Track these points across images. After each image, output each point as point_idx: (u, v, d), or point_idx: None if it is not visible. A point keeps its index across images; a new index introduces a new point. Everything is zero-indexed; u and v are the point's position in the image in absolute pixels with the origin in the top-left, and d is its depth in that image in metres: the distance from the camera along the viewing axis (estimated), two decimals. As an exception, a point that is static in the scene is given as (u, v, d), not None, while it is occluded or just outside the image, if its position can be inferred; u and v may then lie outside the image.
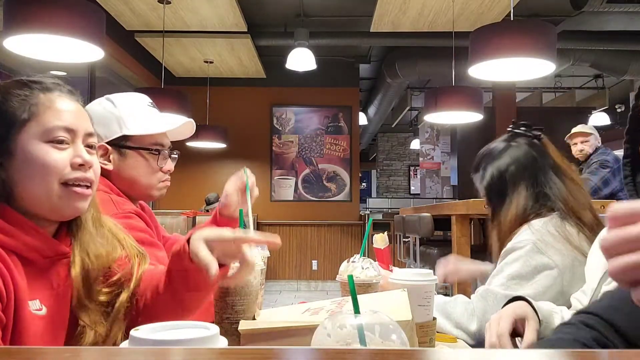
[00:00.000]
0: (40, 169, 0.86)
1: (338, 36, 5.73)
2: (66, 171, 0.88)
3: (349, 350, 0.49)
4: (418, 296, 0.99)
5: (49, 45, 2.66)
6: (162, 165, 1.36)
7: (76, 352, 0.53)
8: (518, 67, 3.07)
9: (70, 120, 0.90)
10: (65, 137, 0.88)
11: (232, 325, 0.89)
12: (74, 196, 0.88)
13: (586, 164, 4.01)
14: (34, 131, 0.86)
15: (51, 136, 0.87)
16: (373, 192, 13.08)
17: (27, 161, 0.86)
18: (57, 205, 0.88)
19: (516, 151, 1.44)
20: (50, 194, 0.86)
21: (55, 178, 0.87)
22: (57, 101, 0.90)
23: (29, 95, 0.88)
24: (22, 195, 0.86)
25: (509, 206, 1.40)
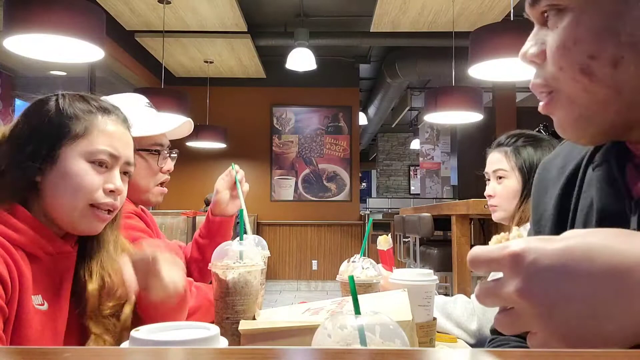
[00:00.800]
0: (75, 186, 0.89)
1: (338, 36, 5.73)
2: (97, 194, 0.91)
3: (349, 351, 0.49)
4: (418, 296, 0.99)
5: (49, 45, 2.66)
6: (162, 165, 1.36)
7: (76, 352, 0.53)
8: (518, 67, 3.07)
9: (117, 147, 0.94)
10: (107, 162, 0.92)
11: (233, 325, 0.89)
12: (95, 219, 0.92)
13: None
14: (81, 148, 0.90)
15: (95, 158, 0.91)
16: (373, 192, 13.09)
17: (66, 175, 0.89)
18: (76, 222, 0.91)
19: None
20: (74, 210, 0.90)
21: (85, 198, 0.90)
22: (111, 125, 0.94)
23: (87, 112, 0.92)
24: (48, 202, 0.90)
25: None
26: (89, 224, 0.92)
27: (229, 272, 0.90)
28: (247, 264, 0.91)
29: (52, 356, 0.49)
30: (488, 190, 1.51)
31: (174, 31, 5.14)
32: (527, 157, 1.43)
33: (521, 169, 1.43)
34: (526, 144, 1.45)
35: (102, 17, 2.66)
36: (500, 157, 1.47)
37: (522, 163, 1.43)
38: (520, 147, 1.45)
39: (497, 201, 1.48)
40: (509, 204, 1.45)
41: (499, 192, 1.47)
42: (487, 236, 3.92)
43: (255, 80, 6.83)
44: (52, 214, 0.90)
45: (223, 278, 0.90)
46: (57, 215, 0.90)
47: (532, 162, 1.42)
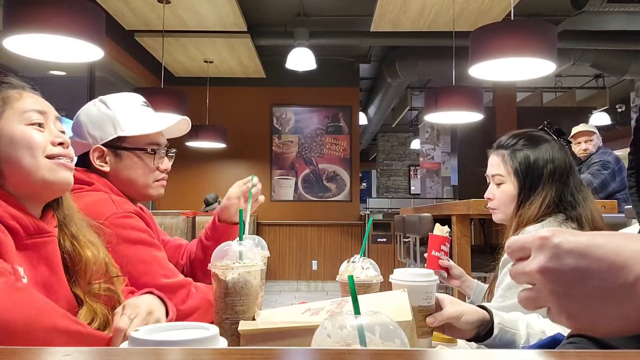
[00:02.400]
0: (27, 146, 0.94)
1: (338, 36, 5.73)
2: (49, 147, 0.97)
3: (349, 351, 0.49)
4: (419, 297, 0.98)
5: (49, 45, 2.66)
6: (159, 164, 1.35)
7: (76, 352, 0.53)
8: (518, 66, 3.07)
9: (40, 104, 1.00)
10: (40, 120, 0.98)
11: (232, 325, 0.89)
12: (61, 167, 0.97)
13: (586, 164, 4.00)
14: (12, 117, 0.95)
15: (29, 118, 0.97)
16: (373, 192, 13.08)
17: (13, 142, 0.94)
18: (47, 178, 0.96)
19: (559, 152, 1.42)
20: (38, 167, 0.95)
21: (40, 153, 0.95)
22: (25, 93, 1.01)
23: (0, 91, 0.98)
24: (12, 176, 0.94)
25: (536, 198, 1.38)
26: (58, 175, 0.97)
27: (229, 272, 0.90)
28: (247, 264, 0.91)
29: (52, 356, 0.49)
30: (487, 192, 1.51)
31: (173, 31, 5.13)
32: (523, 161, 1.42)
33: (517, 173, 1.42)
34: (524, 146, 1.43)
35: (101, 17, 2.66)
36: (498, 162, 1.47)
37: (518, 167, 1.42)
38: (517, 150, 1.44)
39: (496, 204, 1.49)
40: (507, 207, 1.45)
41: (497, 196, 1.47)
42: (487, 236, 3.92)
43: (255, 80, 6.83)
44: (23, 188, 0.94)
45: (223, 278, 0.90)
46: (28, 183, 0.94)
47: (528, 167, 1.41)
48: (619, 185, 3.83)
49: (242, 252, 0.92)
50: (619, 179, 3.84)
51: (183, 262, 1.54)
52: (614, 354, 0.53)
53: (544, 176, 1.39)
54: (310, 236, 6.91)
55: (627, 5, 4.50)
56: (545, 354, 0.48)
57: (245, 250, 0.93)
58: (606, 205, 2.67)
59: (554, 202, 1.37)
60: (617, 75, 6.44)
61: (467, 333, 1.04)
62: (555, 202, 1.37)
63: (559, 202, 1.37)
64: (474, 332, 1.04)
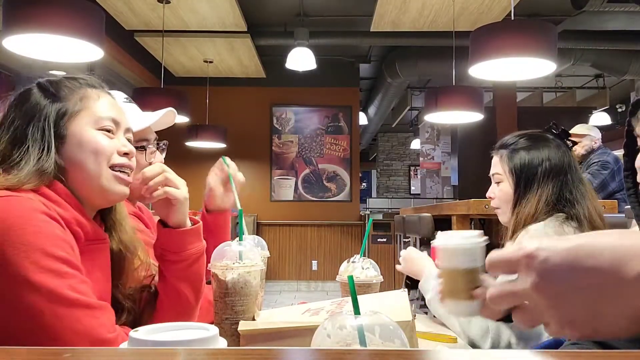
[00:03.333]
0: (93, 151, 0.94)
1: (338, 36, 5.72)
2: (114, 156, 0.97)
3: (349, 351, 0.49)
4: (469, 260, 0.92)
5: (49, 45, 2.66)
6: (151, 159, 1.33)
7: (76, 352, 0.53)
8: (518, 66, 3.07)
9: (115, 112, 1.00)
10: (112, 127, 0.98)
11: (232, 325, 0.89)
12: (119, 180, 0.97)
13: (585, 164, 4.00)
14: (86, 119, 0.95)
15: (101, 124, 0.96)
16: (373, 192, 13.08)
17: (81, 145, 0.94)
18: (105, 187, 0.95)
19: (555, 151, 1.43)
20: (100, 175, 0.94)
21: (105, 161, 0.95)
22: (103, 96, 1.00)
23: (78, 88, 0.98)
24: (73, 178, 0.93)
25: (531, 198, 1.39)
26: (116, 188, 0.97)
27: (229, 272, 0.90)
28: (247, 265, 0.91)
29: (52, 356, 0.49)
30: (489, 192, 1.52)
31: (173, 31, 5.13)
32: (518, 160, 1.43)
33: (512, 172, 1.43)
34: (522, 146, 1.45)
35: (101, 17, 2.66)
36: (497, 161, 1.49)
37: (514, 166, 1.43)
38: (515, 149, 1.45)
39: (497, 203, 1.50)
40: (506, 206, 1.47)
41: (497, 194, 1.49)
42: (488, 236, 3.91)
43: (255, 80, 6.83)
44: (81, 191, 0.94)
45: (222, 278, 0.90)
46: (86, 186, 0.94)
47: (523, 165, 1.42)
48: (618, 185, 3.83)
49: (242, 252, 0.92)
50: (618, 179, 3.83)
51: None
52: (614, 354, 0.53)
53: (539, 175, 1.40)
54: (310, 236, 6.91)
55: (627, 5, 4.50)
56: (545, 354, 0.48)
57: (245, 250, 0.93)
58: (606, 206, 2.67)
59: (552, 200, 1.38)
60: (617, 75, 6.44)
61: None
62: (553, 201, 1.38)
63: (557, 200, 1.38)
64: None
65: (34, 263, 0.78)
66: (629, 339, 0.68)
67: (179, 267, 1.00)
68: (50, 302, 0.77)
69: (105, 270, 0.97)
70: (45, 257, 0.78)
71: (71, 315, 0.78)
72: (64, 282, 0.79)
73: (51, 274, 0.78)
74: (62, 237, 0.83)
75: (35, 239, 0.79)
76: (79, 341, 0.78)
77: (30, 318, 0.77)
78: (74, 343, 0.78)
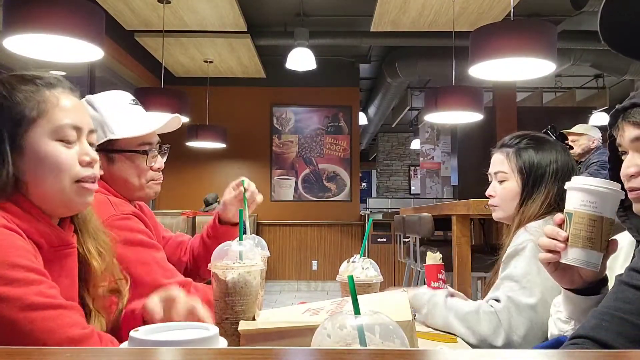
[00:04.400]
0: (53, 167, 0.89)
1: (338, 36, 5.72)
2: (77, 169, 0.91)
3: (349, 351, 0.49)
4: (615, 210, 0.89)
5: (49, 45, 2.66)
6: (152, 164, 1.33)
7: (76, 352, 0.53)
8: (518, 66, 3.07)
9: (76, 118, 0.92)
10: (73, 136, 0.91)
11: (232, 325, 0.89)
12: (84, 192, 0.93)
13: (584, 164, 4.00)
14: (44, 129, 0.89)
15: (61, 134, 0.90)
16: (373, 192, 13.08)
17: (40, 159, 0.88)
18: (69, 201, 0.92)
19: (562, 154, 1.45)
20: (63, 191, 0.90)
21: (67, 176, 0.90)
22: (63, 98, 0.92)
23: (35, 92, 0.89)
24: (33, 191, 0.89)
25: (538, 197, 1.40)
26: (80, 200, 0.93)
27: (229, 272, 0.90)
28: (247, 265, 0.91)
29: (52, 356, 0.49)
30: (489, 190, 1.52)
31: (173, 31, 5.13)
32: (527, 159, 1.44)
33: (521, 171, 1.44)
34: (528, 146, 1.45)
35: (101, 17, 2.66)
36: (502, 159, 1.48)
37: (523, 165, 1.44)
38: (522, 149, 1.45)
39: (497, 201, 1.50)
40: (508, 205, 1.46)
41: (499, 193, 1.48)
42: (487, 236, 3.92)
43: (255, 80, 6.83)
44: (43, 204, 0.90)
45: (223, 278, 0.90)
46: (47, 201, 0.90)
47: (532, 165, 1.43)
48: (617, 185, 3.82)
49: (242, 252, 0.92)
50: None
51: (185, 258, 1.53)
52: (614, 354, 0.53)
53: (547, 175, 1.41)
54: (310, 236, 6.91)
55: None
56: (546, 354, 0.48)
57: (245, 250, 0.93)
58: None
59: (555, 201, 1.38)
60: (617, 75, 6.44)
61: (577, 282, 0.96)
62: (556, 201, 1.38)
63: (560, 201, 1.38)
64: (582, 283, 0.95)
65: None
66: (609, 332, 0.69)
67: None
68: (22, 310, 0.78)
69: (73, 275, 0.95)
70: (10, 269, 0.79)
71: (43, 317, 0.79)
72: (32, 289, 0.80)
73: (18, 283, 0.79)
74: (24, 246, 0.83)
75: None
76: (55, 341, 0.79)
77: (5, 328, 0.78)
78: (49, 344, 0.79)
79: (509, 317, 1.25)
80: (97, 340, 0.84)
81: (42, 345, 0.78)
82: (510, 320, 1.24)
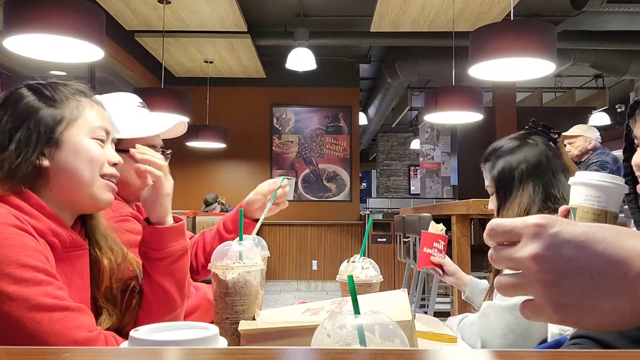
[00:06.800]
0: (89, 159, 0.96)
1: (338, 36, 5.73)
2: (106, 165, 0.99)
3: (349, 351, 0.49)
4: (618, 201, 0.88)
5: (49, 45, 2.66)
6: None
7: (76, 352, 0.53)
8: (518, 67, 3.07)
9: (106, 122, 1.02)
10: (104, 137, 1.00)
11: (232, 325, 0.89)
12: (108, 189, 0.99)
13: (584, 164, 4.00)
14: (82, 128, 0.97)
15: (96, 134, 0.98)
16: (373, 192, 13.08)
17: (78, 151, 0.95)
18: (96, 195, 0.97)
19: (531, 150, 1.43)
20: (93, 183, 0.96)
21: (97, 169, 0.97)
22: (96, 105, 1.02)
23: (74, 96, 0.99)
24: (61, 185, 0.94)
25: (513, 203, 1.40)
26: (105, 195, 0.99)
27: (229, 272, 0.90)
28: (247, 264, 0.91)
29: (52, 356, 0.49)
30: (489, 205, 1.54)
31: (174, 31, 5.13)
32: (496, 169, 1.45)
33: (496, 181, 1.45)
34: (499, 155, 1.46)
35: (101, 17, 2.66)
36: (485, 173, 1.51)
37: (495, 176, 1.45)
38: (494, 159, 1.47)
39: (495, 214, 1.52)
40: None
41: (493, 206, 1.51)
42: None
43: (255, 80, 6.83)
44: (67, 196, 0.94)
45: (223, 278, 0.90)
46: (75, 194, 0.95)
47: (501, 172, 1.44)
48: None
49: (242, 252, 0.92)
50: (618, 179, 3.83)
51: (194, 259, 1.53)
52: (614, 354, 0.53)
53: (516, 178, 1.41)
54: (310, 236, 6.91)
55: (626, 5, 4.50)
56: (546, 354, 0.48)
57: (245, 250, 0.93)
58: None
59: (540, 200, 1.37)
60: (616, 75, 6.44)
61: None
62: (540, 200, 1.37)
63: (545, 199, 1.38)
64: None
65: (8, 275, 0.79)
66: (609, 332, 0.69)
67: (162, 265, 1.02)
68: (28, 310, 0.79)
69: (84, 276, 0.97)
70: (19, 268, 0.80)
71: (50, 319, 0.80)
72: (40, 289, 0.80)
73: (26, 283, 0.79)
74: (35, 247, 0.84)
75: (8, 252, 0.80)
76: (60, 343, 0.80)
77: (11, 327, 0.78)
78: (55, 345, 0.79)
79: (486, 321, 1.29)
80: (103, 344, 0.84)
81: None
82: (487, 323, 1.28)
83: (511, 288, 0.50)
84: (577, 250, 0.46)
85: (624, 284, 0.45)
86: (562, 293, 0.47)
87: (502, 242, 0.51)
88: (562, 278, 0.47)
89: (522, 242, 0.49)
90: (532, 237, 0.48)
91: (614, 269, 0.46)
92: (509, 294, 0.51)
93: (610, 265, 0.46)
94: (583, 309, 0.46)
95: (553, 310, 0.47)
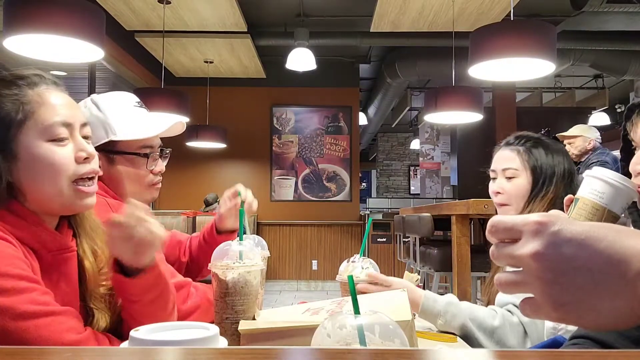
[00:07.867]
0: (49, 169, 0.86)
1: (338, 36, 5.73)
2: (73, 167, 0.88)
3: (349, 350, 0.49)
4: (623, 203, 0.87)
5: (49, 45, 2.66)
6: (152, 167, 1.32)
7: (76, 352, 0.53)
8: (518, 67, 3.07)
9: (65, 114, 0.88)
10: (65, 134, 0.88)
11: (232, 325, 0.89)
12: (84, 195, 0.90)
13: (584, 164, 4.00)
14: (33, 131, 0.85)
15: (52, 134, 0.86)
16: (373, 192, 13.08)
17: (34, 162, 0.85)
18: (69, 204, 0.89)
19: (567, 157, 1.48)
20: (62, 193, 0.87)
21: (64, 176, 0.87)
22: (47, 95, 0.88)
23: (18, 94, 0.85)
24: (31, 196, 0.87)
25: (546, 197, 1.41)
26: (79, 202, 0.90)
27: (229, 272, 0.90)
28: (247, 264, 0.91)
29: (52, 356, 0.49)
30: (495, 187, 1.48)
31: (174, 31, 5.13)
32: (539, 157, 1.45)
33: (533, 168, 1.44)
34: (538, 145, 1.47)
35: (101, 17, 2.66)
36: (511, 156, 1.46)
37: (535, 163, 1.44)
38: (533, 147, 1.46)
39: (507, 199, 1.46)
40: (519, 202, 1.44)
41: (509, 189, 1.45)
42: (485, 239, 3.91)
43: (255, 80, 6.83)
44: (40, 207, 0.88)
45: (223, 278, 0.90)
46: (46, 204, 0.88)
47: (543, 163, 1.44)
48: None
49: (242, 252, 0.92)
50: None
51: (185, 259, 1.52)
52: (614, 354, 0.53)
53: (556, 176, 1.43)
54: (310, 236, 6.91)
55: (626, 5, 4.50)
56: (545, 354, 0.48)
57: (245, 250, 0.93)
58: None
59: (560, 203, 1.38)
60: (616, 75, 6.44)
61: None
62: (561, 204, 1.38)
63: (562, 203, 1.38)
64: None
65: None
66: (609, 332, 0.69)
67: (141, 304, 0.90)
68: (13, 320, 0.77)
69: (72, 279, 0.94)
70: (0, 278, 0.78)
71: (35, 326, 0.78)
72: (22, 297, 0.79)
73: (7, 293, 0.78)
74: (14, 254, 0.81)
75: None
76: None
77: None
78: None
79: (535, 326, 1.22)
80: (93, 344, 0.84)
81: None
82: (537, 329, 1.22)
83: (511, 285, 0.51)
84: (578, 249, 0.47)
85: (623, 283, 0.46)
86: (562, 291, 0.47)
87: (503, 239, 0.51)
88: (562, 276, 0.47)
89: (523, 240, 0.49)
90: (532, 234, 0.48)
91: (614, 268, 0.46)
92: (509, 291, 0.51)
93: (610, 264, 0.46)
94: (582, 308, 0.47)
95: (552, 308, 0.48)
